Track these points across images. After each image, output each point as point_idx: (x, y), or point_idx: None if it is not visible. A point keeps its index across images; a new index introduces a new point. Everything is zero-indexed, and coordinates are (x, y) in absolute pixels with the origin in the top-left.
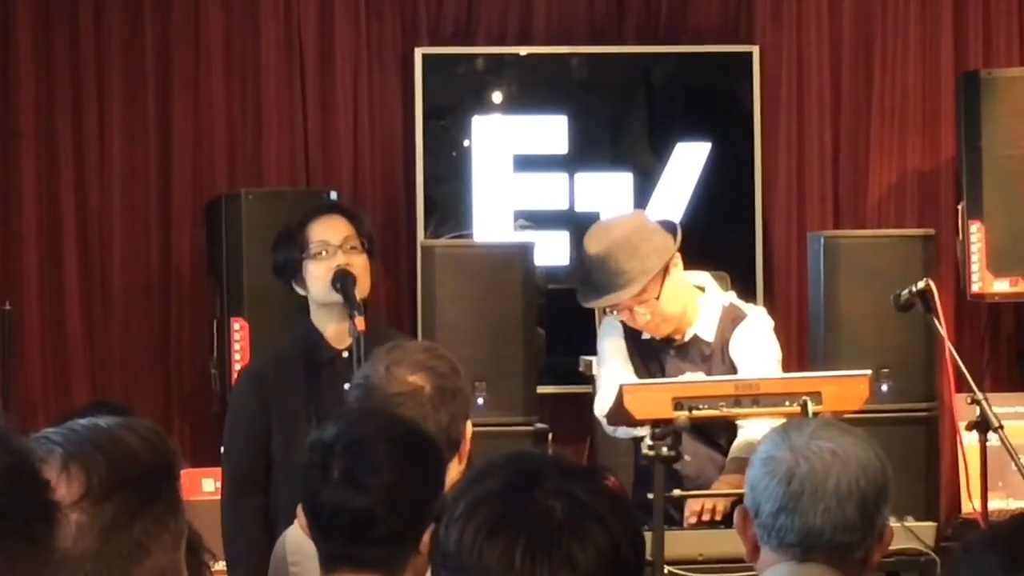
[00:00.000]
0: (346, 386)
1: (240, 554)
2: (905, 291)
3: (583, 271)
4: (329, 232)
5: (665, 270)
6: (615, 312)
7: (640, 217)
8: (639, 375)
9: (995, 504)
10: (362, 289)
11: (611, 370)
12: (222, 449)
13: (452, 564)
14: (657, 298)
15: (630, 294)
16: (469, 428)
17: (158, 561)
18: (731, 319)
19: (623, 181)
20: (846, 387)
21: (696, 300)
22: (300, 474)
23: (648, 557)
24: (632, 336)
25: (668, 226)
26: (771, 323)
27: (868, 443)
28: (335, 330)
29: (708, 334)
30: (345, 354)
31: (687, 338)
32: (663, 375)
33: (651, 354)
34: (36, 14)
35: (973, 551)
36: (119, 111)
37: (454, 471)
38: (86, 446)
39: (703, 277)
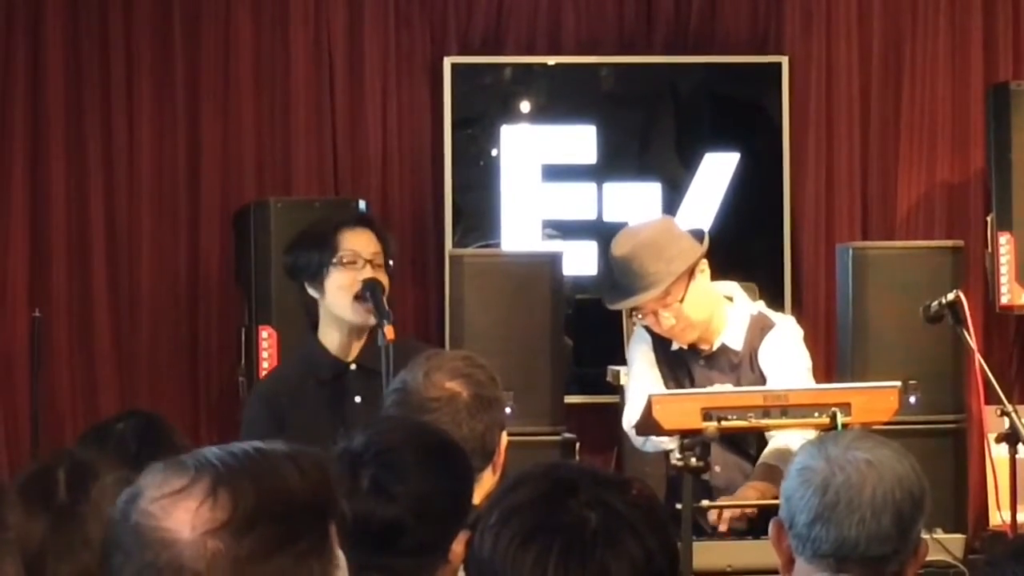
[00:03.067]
0: (356, 399)
1: None
2: (935, 303)
3: (609, 273)
4: (361, 244)
5: (690, 274)
6: (640, 315)
7: (667, 222)
8: (667, 385)
9: None
10: None
11: (639, 382)
12: None
13: (486, 571)
14: (681, 301)
15: (653, 296)
16: (504, 439)
17: None
18: (759, 328)
19: (651, 191)
20: (876, 399)
21: (724, 309)
22: None
23: None
24: (661, 346)
25: (696, 233)
26: (800, 332)
27: (904, 456)
28: (340, 343)
29: (736, 343)
30: (352, 366)
31: (715, 347)
32: (692, 385)
33: (680, 364)
34: (66, 23)
35: (998, 563)
36: (148, 119)
37: (488, 482)
38: (239, 472)
39: (731, 287)
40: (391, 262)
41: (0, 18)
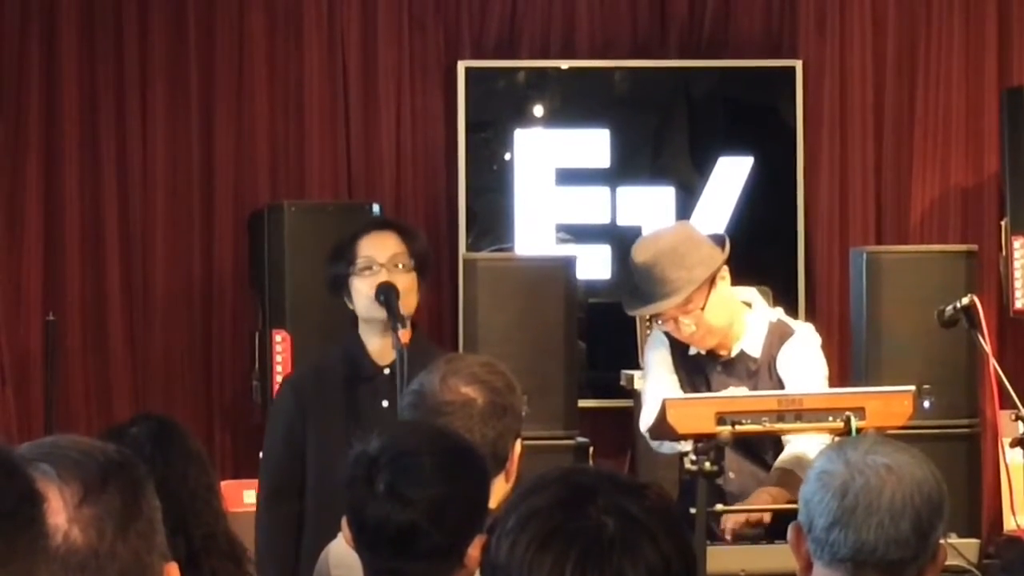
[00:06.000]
0: (384, 403)
1: (268, 561)
2: (949, 307)
3: (629, 280)
4: (376, 248)
5: (712, 282)
6: (660, 322)
7: (688, 228)
8: (684, 390)
9: None
10: (408, 306)
11: (656, 385)
12: (261, 455)
13: None
14: (702, 309)
15: (674, 303)
16: (518, 447)
17: (162, 540)
18: (778, 335)
19: (665, 195)
20: (890, 403)
21: (743, 316)
22: (345, 487)
23: None
24: (679, 351)
25: (717, 239)
26: (819, 340)
27: (924, 461)
28: (378, 346)
29: (755, 350)
30: (387, 371)
31: (733, 354)
32: (709, 391)
33: (697, 369)
34: (80, 27)
35: (1012, 568)
36: (163, 123)
37: (500, 489)
38: (61, 452)
39: (750, 293)
40: (415, 260)
41: (15, 21)
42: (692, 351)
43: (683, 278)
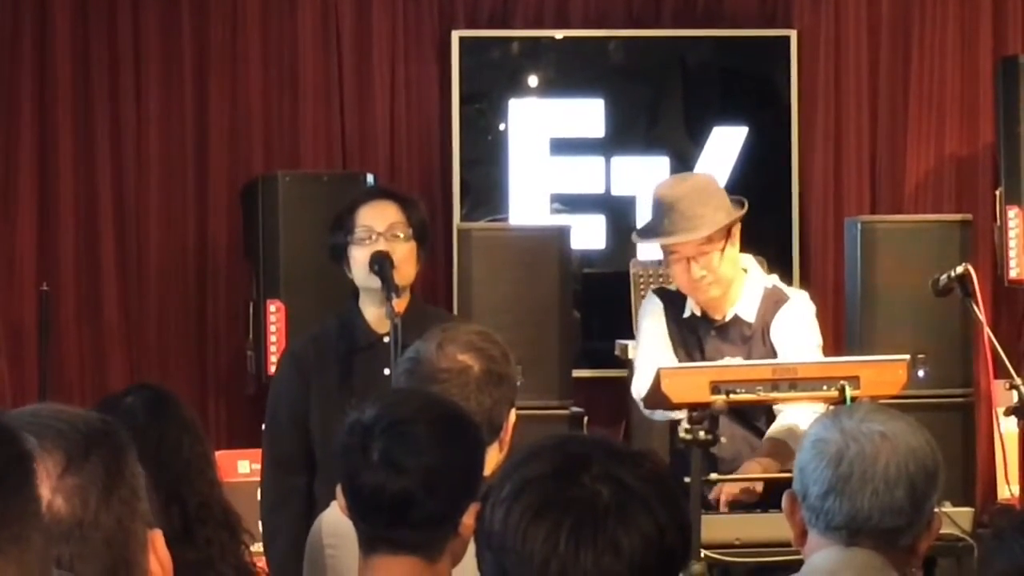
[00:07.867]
0: (386, 371)
1: (278, 528)
2: (944, 276)
3: (650, 215)
4: (374, 217)
5: (729, 231)
6: (668, 263)
7: (712, 177)
8: (677, 354)
9: None
10: (405, 276)
11: (649, 351)
12: (263, 427)
13: (496, 544)
14: (721, 251)
15: (698, 236)
16: (513, 416)
17: (145, 507)
18: (773, 301)
19: (659, 165)
20: (884, 372)
21: (741, 279)
22: (339, 456)
23: None
24: (672, 314)
25: (736, 199)
26: (813, 308)
27: (919, 429)
28: (376, 315)
29: (749, 315)
30: (386, 339)
31: (728, 318)
32: (702, 355)
33: (691, 332)
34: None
35: (1003, 536)
36: (156, 93)
37: (494, 458)
38: (43, 422)
39: (746, 259)
40: (414, 229)
41: None
42: (686, 314)
43: (708, 216)
